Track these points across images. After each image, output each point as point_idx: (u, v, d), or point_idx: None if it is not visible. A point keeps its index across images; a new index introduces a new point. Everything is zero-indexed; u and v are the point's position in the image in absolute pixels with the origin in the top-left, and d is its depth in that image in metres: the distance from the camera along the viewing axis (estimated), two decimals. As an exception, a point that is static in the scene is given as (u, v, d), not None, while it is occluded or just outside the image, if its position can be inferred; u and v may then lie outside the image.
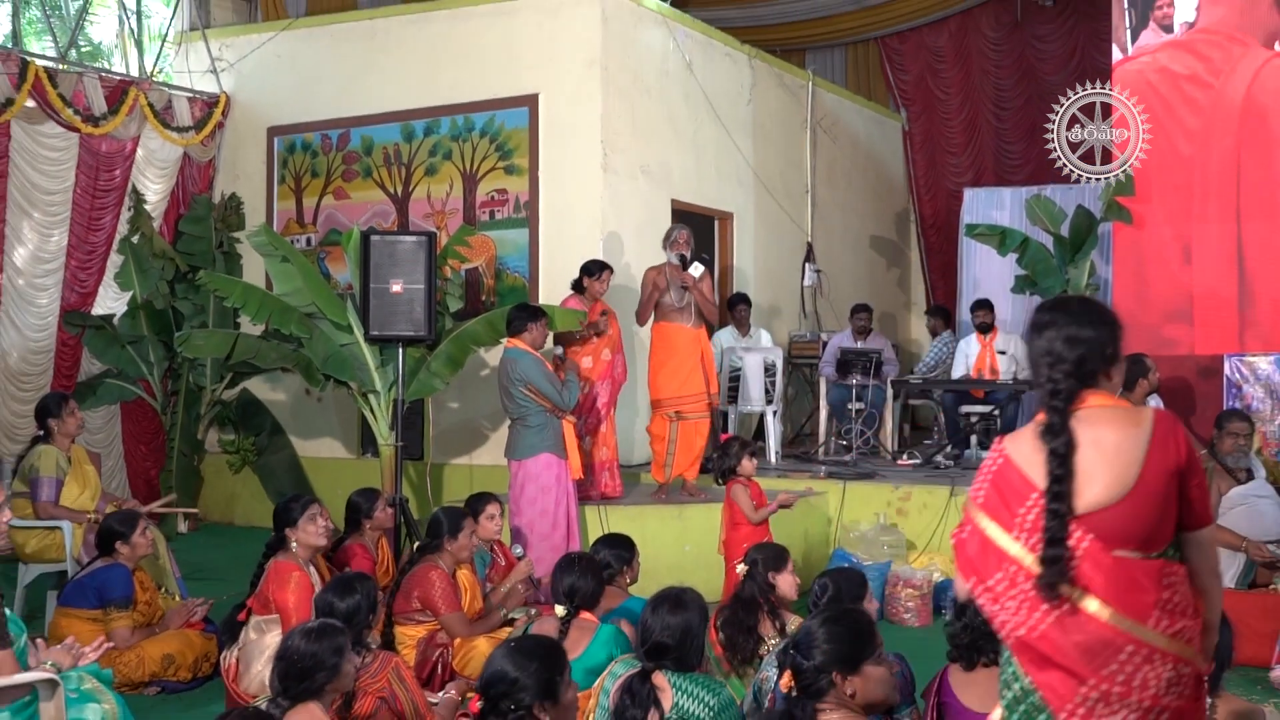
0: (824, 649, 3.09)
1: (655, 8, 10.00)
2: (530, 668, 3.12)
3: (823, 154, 12.46)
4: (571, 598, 4.58)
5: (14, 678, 3.66)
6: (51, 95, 9.08)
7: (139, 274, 9.79)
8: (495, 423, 9.22)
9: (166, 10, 10.84)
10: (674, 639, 3.72)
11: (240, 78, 10.64)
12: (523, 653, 3.18)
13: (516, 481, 7.18)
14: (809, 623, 3.22)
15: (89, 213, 9.65)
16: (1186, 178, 9.08)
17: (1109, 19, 9.45)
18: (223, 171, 10.76)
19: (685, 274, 7.85)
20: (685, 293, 7.90)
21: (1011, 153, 14.26)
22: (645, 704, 3.61)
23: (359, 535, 6.39)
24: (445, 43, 9.76)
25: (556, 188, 9.31)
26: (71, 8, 10.19)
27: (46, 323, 9.48)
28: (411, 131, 9.86)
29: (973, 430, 9.92)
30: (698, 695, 3.68)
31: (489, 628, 5.72)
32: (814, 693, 3.05)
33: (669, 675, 3.69)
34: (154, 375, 9.82)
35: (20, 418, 8.99)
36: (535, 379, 7.11)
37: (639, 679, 3.68)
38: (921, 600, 7.04)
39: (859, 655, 3.11)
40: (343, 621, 4.06)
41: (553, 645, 3.38)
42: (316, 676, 3.58)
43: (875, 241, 13.89)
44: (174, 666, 5.65)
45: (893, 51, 14.74)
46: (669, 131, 10.00)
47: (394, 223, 9.83)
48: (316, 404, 10.06)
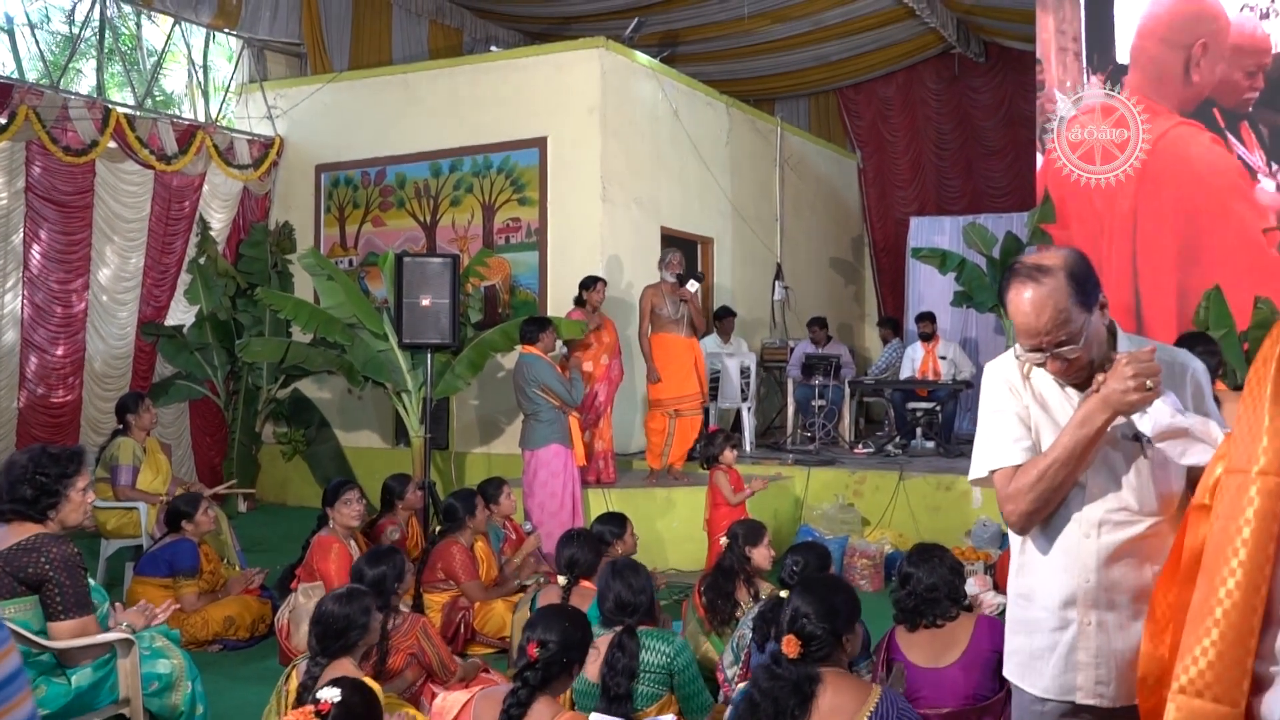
0: (840, 614, 2.98)
1: (647, 63, 9.99)
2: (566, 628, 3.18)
3: (789, 188, 12.45)
4: (572, 568, 4.56)
5: (96, 638, 3.64)
6: (130, 138, 9.06)
7: (205, 290, 9.76)
8: (510, 417, 9.20)
9: (229, 65, 10.82)
10: (630, 600, 3.80)
11: (292, 123, 10.61)
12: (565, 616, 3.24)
13: (529, 468, 7.17)
14: (808, 594, 3.02)
15: (162, 238, 9.62)
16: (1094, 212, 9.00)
17: (1033, 74, 9.42)
18: (277, 203, 10.73)
19: (683, 290, 7.97)
20: (680, 306, 8.01)
21: (951, 186, 14.28)
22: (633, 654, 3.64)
23: (392, 514, 6.37)
24: (467, 93, 9.75)
25: (562, 216, 9.30)
26: (147, 63, 10.16)
27: (126, 332, 9.45)
28: (439, 169, 9.84)
29: (918, 424, 9.94)
30: (655, 648, 3.71)
31: (504, 593, 5.71)
32: (821, 656, 2.93)
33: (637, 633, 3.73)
34: (218, 377, 9.79)
35: (103, 414, 8.96)
36: (548, 380, 7.11)
37: (627, 634, 3.69)
38: (874, 569, 7.02)
39: (856, 615, 3.07)
40: (371, 587, 4.05)
41: (579, 613, 3.38)
42: (349, 635, 3.58)
43: (834, 262, 13.88)
44: (234, 627, 5.63)
45: (849, 101, 14.74)
46: (659, 168, 9.99)
47: (423, 247, 9.80)
48: (357, 401, 10.03)
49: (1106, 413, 2.05)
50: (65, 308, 8.89)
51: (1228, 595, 1.58)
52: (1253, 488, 1.58)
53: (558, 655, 3.06)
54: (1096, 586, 2.18)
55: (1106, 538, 2.17)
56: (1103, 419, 2.06)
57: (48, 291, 8.75)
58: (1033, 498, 2.16)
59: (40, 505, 3.62)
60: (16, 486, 3.61)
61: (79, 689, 3.61)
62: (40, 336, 8.72)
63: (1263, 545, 1.56)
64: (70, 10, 9.51)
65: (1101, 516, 2.18)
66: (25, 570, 3.49)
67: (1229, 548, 1.60)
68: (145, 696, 3.82)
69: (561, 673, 3.11)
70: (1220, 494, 1.68)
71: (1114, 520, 2.18)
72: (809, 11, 11.68)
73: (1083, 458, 2.11)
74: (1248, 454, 1.60)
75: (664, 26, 11.92)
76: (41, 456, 3.66)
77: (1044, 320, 2.12)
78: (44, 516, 3.63)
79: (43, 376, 8.76)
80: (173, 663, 3.94)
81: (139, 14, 9.98)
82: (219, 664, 5.28)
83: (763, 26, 11.94)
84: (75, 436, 8.87)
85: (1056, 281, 2.12)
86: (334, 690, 2.89)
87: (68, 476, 3.67)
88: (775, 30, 12.16)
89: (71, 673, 3.62)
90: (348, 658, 3.55)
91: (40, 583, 3.51)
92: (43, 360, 8.75)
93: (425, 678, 4.31)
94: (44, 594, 3.52)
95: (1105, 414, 2.06)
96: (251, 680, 4.99)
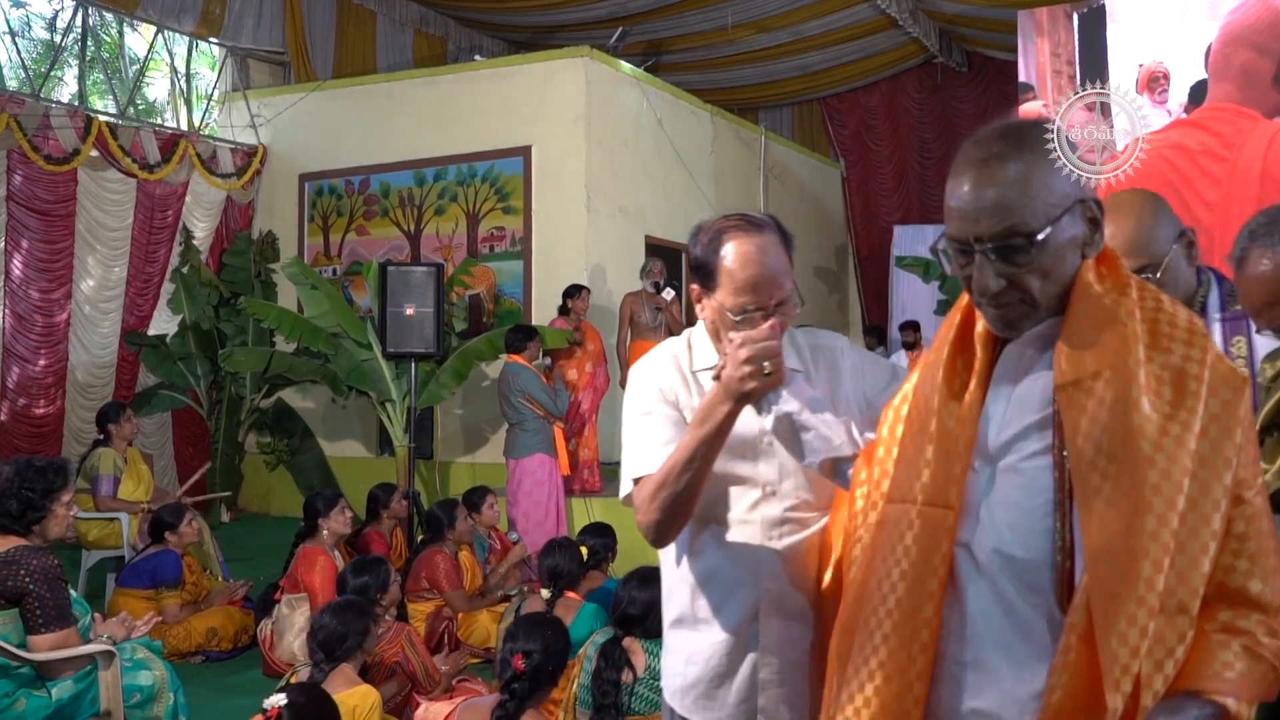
0: None
1: (631, 72, 10.02)
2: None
3: (773, 196, 12.49)
4: (555, 579, 4.55)
5: (77, 649, 3.62)
6: (112, 146, 9.02)
7: (188, 300, 9.72)
8: (495, 426, 9.19)
9: (211, 73, 10.81)
10: (640, 610, 3.71)
11: (275, 131, 10.59)
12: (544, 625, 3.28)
13: (514, 477, 7.16)
14: None
15: (145, 247, 9.58)
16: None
17: (1014, 83, 9.50)
18: (260, 212, 10.70)
19: (659, 297, 8.05)
20: (658, 314, 8.09)
21: (934, 195, 14.34)
22: (618, 665, 3.60)
23: (377, 523, 6.36)
24: (452, 102, 9.75)
25: (547, 226, 9.31)
26: (130, 71, 10.13)
27: (109, 342, 9.40)
28: (423, 178, 9.84)
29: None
30: (659, 654, 3.67)
31: (488, 603, 5.70)
32: None
33: (641, 641, 3.68)
34: (201, 386, 9.75)
35: (86, 424, 8.91)
36: (533, 390, 7.11)
37: (611, 644, 3.67)
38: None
39: None
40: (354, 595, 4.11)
41: (559, 622, 3.41)
42: (348, 642, 3.65)
43: (819, 271, 13.93)
44: (216, 638, 5.60)
45: (833, 110, 14.82)
46: (643, 177, 10.01)
47: (407, 256, 9.79)
48: (341, 411, 10.00)
49: (727, 403, 1.73)
50: (47, 318, 8.84)
51: (884, 641, 1.43)
52: (917, 520, 1.44)
53: (543, 664, 3.08)
54: (781, 594, 1.89)
55: (790, 538, 1.90)
56: (724, 411, 1.73)
57: (29, 301, 8.71)
58: (657, 506, 1.83)
59: (25, 520, 3.61)
60: (2, 500, 3.60)
61: (60, 702, 3.59)
62: (22, 347, 8.67)
63: (923, 581, 1.41)
64: (52, 18, 9.49)
65: (783, 515, 1.91)
66: (5, 583, 3.47)
67: (886, 583, 1.45)
68: (127, 708, 3.79)
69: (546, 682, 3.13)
70: (881, 526, 1.51)
71: (796, 519, 1.91)
72: (792, 21, 11.75)
73: (708, 457, 1.78)
74: (908, 485, 1.47)
75: (648, 36, 11.97)
76: (27, 470, 3.65)
77: (777, 267, 1.86)
78: (28, 530, 3.62)
79: (25, 387, 8.70)
80: (155, 674, 3.92)
81: (121, 22, 9.96)
82: (202, 675, 5.25)
83: (746, 36, 12.00)
84: (58, 448, 8.82)
85: (773, 233, 1.90)
86: (280, 696, 2.94)
87: (53, 491, 3.67)
88: (759, 40, 12.22)
89: (52, 685, 3.60)
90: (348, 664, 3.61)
91: (20, 595, 3.50)
92: (25, 371, 8.70)
93: (410, 687, 4.31)
94: (24, 607, 3.51)
95: (726, 405, 1.73)
96: (234, 691, 4.97)
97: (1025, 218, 1.38)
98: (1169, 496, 1.29)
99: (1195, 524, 1.30)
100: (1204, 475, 1.32)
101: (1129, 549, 1.28)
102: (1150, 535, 1.28)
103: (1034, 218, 1.38)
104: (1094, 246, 1.45)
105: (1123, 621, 1.26)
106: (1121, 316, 1.38)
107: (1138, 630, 1.26)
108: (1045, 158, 1.41)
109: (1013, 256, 1.39)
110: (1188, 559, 1.29)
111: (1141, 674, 1.26)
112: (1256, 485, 1.37)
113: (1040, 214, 1.39)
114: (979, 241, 1.41)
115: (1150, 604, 1.27)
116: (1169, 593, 1.28)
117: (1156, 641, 1.27)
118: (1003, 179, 1.39)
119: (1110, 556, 1.29)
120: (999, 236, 1.39)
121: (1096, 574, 1.30)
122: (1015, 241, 1.39)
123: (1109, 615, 1.27)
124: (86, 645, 3.68)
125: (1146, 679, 1.26)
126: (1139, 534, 1.28)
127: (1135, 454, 1.31)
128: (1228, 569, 1.34)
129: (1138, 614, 1.26)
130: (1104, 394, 1.33)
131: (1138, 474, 1.30)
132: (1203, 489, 1.32)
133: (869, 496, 1.58)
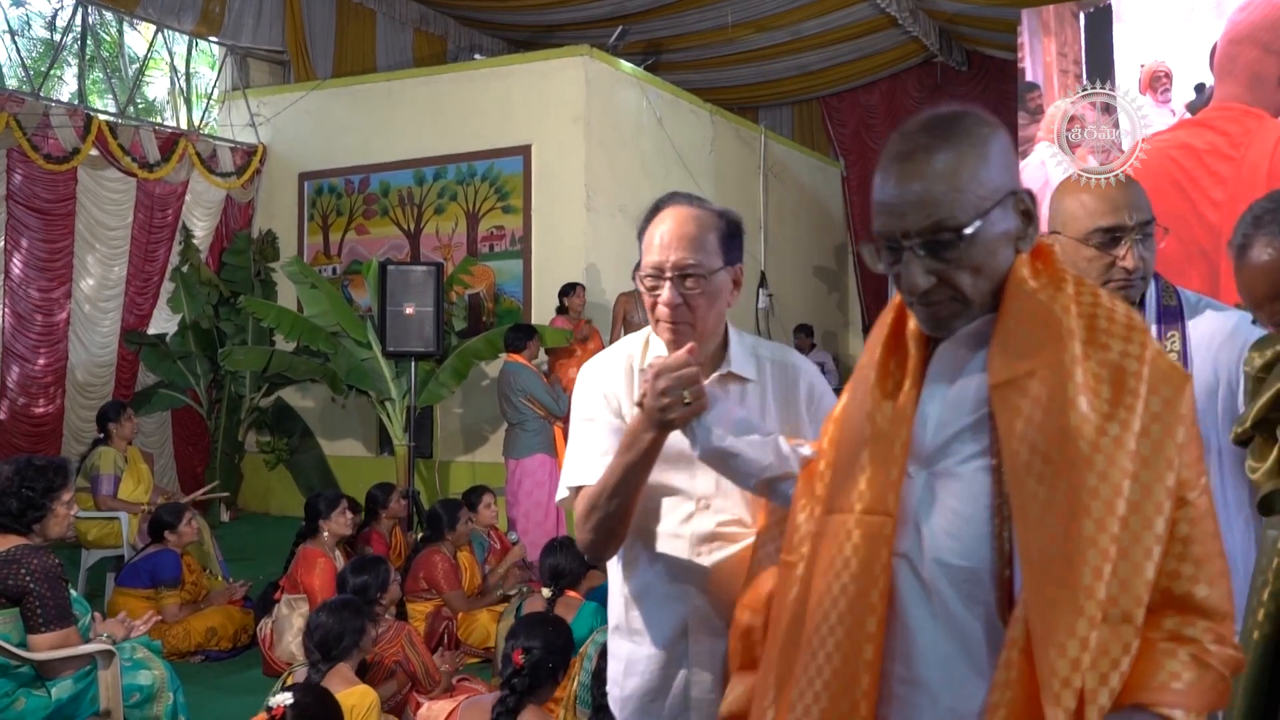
0: None
1: (630, 71, 10.02)
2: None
3: (773, 196, 12.49)
4: (556, 578, 4.55)
5: (77, 649, 3.63)
6: (112, 145, 9.02)
7: (188, 299, 9.72)
8: (494, 426, 9.19)
9: (211, 72, 10.80)
10: None
11: (275, 130, 10.59)
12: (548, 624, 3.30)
13: (514, 477, 7.16)
14: None
15: (145, 246, 9.58)
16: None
17: (1014, 82, 9.48)
18: (260, 211, 10.70)
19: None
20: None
21: (933, 195, 14.35)
22: None
23: (377, 523, 6.36)
24: (451, 101, 9.75)
25: (546, 225, 9.31)
26: (129, 70, 10.13)
27: (109, 341, 9.40)
28: (423, 177, 9.84)
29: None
30: None
31: (488, 603, 5.70)
32: None
33: None
34: (201, 386, 9.75)
35: (86, 423, 8.91)
36: (534, 389, 7.11)
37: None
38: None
39: None
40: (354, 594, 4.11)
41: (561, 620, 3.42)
42: (345, 641, 3.65)
43: (818, 270, 13.93)
44: (216, 638, 5.61)
45: (832, 109, 14.82)
46: (642, 177, 10.01)
47: (407, 255, 9.79)
48: (341, 410, 10.00)
49: (651, 431, 1.70)
50: (47, 316, 8.84)
51: (827, 660, 1.37)
52: (855, 530, 1.39)
53: (543, 660, 3.08)
54: (709, 611, 1.87)
55: (719, 554, 1.88)
56: (648, 439, 1.71)
57: (29, 300, 8.71)
58: (590, 528, 1.84)
59: (26, 519, 3.62)
60: (2, 499, 3.60)
61: (59, 701, 3.60)
62: (22, 346, 8.67)
63: (864, 594, 1.35)
64: (51, 17, 9.49)
65: (714, 530, 1.89)
66: (5, 582, 3.48)
67: (828, 598, 1.39)
68: (126, 708, 3.80)
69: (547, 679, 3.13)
70: (820, 538, 1.45)
71: (726, 534, 1.88)
72: (792, 21, 11.74)
73: (635, 483, 1.77)
74: (846, 494, 1.42)
75: (648, 35, 11.96)
76: (27, 469, 3.66)
77: (684, 233, 1.86)
78: (28, 529, 3.63)
79: (24, 386, 8.70)
80: (154, 674, 3.92)
81: (121, 21, 9.96)
82: (201, 675, 5.25)
83: (746, 35, 11.99)
84: (58, 447, 8.82)
85: (705, 210, 1.92)
86: (285, 695, 2.94)
87: (54, 490, 3.67)
88: (758, 39, 12.21)
89: (52, 685, 3.60)
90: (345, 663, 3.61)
91: (21, 595, 3.50)
92: (24, 370, 8.70)
93: (410, 686, 4.31)
94: (24, 606, 3.51)
95: (650, 433, 1.70)
96: (234, 691, 4.97)
97: (953, 211, 1.33)
98: (1108, 499, 1.23)
99: (1137, 528, 1.24)
100: (1145, 477, 1.26)
101: (1066, 555, 1.22)
102: (1088, 540, 1.22)
103: (962, 211, 1.33)
104: (1027, 240, 1.39)
105: (1061, 632, 1.21)
106: (1057, 312, 1.32)
107: (1077, 641, 1.20)
108: (975, 148, 1.35)
109: (941, 252, 1.34)
110: (1130, 565, 1.23)
111: (1085, 688, 1.20)
112: (1199, 485, 1.31)
113: (969, 207, 1.33)
114: (906, 237, 1.35)
115: (1090, 613, 1.20)
116: (1111, 601, 1.22)
117: (1100, 653, 1.21)
118: (929, 171, 1.34)
119: (1046, 564, 1.23)
120: (926, 231, 1.34)
121: (1033, 583, 1.24)
122: (943, 236, 1.33)
123: (1047, 626, 1.22)
124: (86, 645, 3.68)
125: (1091, 693, 1.20)
126: (1076, 539, 1.22)
127: (1072, 455, 1.25)
128: (1172, 574, 1.27)
129: (1077, 624, 1.20)
130: (1039, 393, 1.28)
131: (1075, 476, 1.24)
132: (1144, 491, 1.25)
133: (810, 510, 1.53)
